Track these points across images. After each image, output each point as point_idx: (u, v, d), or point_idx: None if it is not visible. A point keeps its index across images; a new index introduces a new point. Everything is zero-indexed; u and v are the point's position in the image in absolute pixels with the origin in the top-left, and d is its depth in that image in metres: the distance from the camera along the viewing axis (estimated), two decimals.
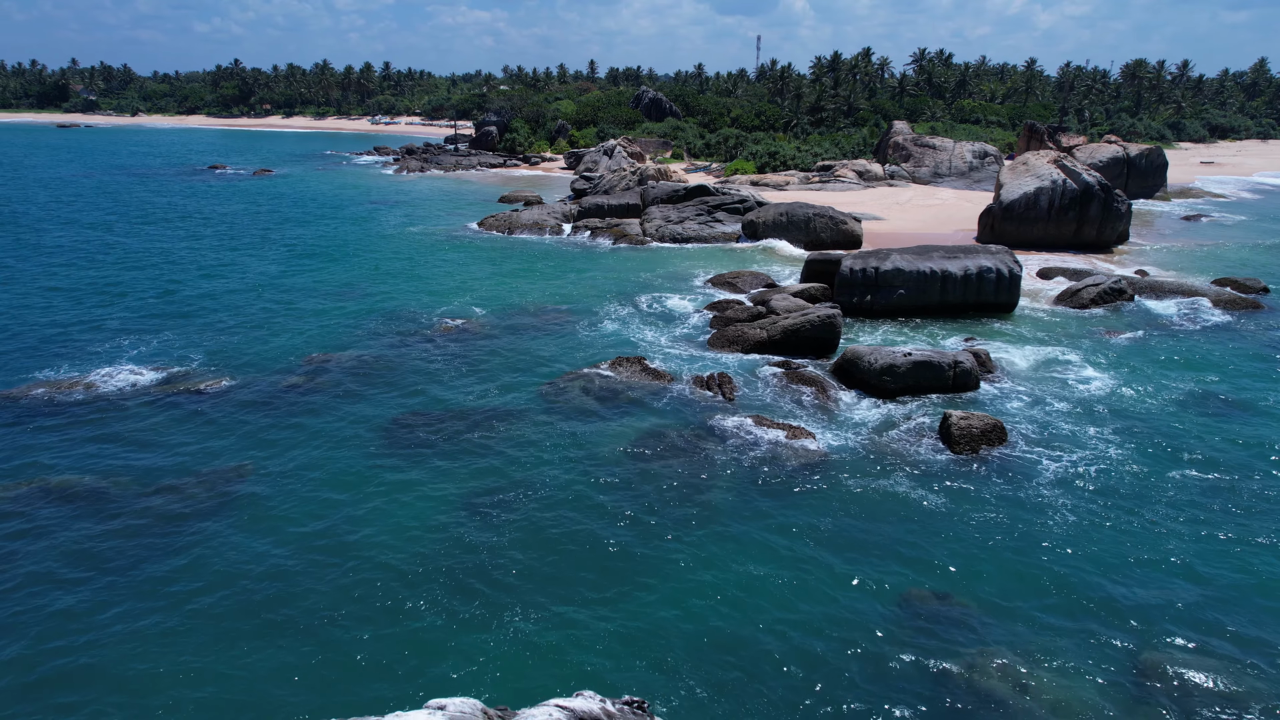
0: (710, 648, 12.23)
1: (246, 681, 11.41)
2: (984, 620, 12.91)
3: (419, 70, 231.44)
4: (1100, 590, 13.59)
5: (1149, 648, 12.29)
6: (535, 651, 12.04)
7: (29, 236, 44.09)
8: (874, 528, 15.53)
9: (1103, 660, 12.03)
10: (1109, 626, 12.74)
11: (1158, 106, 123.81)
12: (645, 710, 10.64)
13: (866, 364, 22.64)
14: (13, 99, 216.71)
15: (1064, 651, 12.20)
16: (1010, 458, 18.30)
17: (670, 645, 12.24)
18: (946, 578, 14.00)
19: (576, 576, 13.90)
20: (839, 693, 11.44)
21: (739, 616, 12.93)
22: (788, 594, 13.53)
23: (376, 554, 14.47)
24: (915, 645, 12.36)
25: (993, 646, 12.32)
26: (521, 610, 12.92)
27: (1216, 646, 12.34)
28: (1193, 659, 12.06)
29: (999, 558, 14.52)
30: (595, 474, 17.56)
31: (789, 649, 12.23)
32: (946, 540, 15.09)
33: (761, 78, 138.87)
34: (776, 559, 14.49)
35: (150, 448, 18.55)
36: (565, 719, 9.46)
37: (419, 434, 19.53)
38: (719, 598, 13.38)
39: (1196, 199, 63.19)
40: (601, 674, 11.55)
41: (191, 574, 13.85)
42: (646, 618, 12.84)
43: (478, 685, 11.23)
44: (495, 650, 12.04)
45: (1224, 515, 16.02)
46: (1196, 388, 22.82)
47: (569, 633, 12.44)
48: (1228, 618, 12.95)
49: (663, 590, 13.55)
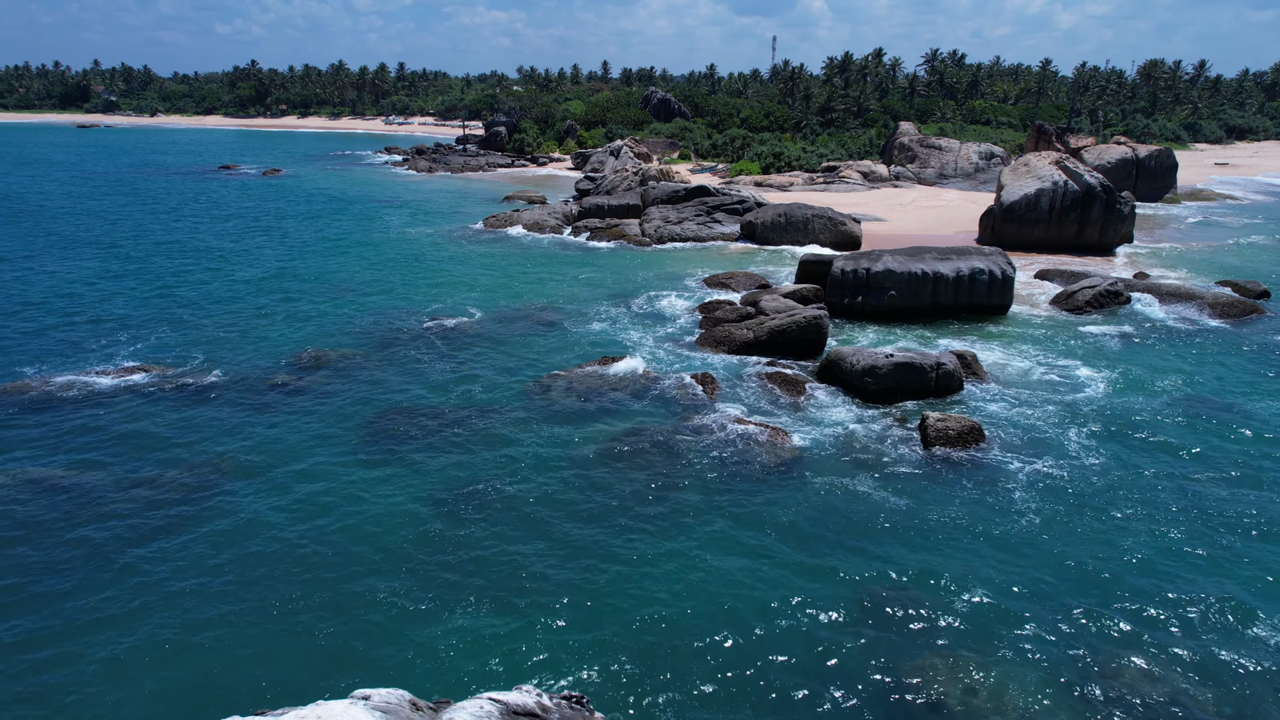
0: (662, 644, 12.32)
1: (197, 666, 11.64)
2: (940, 620, 12.91)
3: (434, 71, 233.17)
4: (1059, 593, 13.55)
5: (1104, 652, 12.24)
6: (483, 644, 12.18)
7: (33, 236, 44.86)
8: (840, 526, 15.55)
9: (1056, 664, 12.00)
10: (1065, 630, 12.70)
11: (1174, 107, 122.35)
12: (585, 705, 10.74)
13: (848, 365, 22.64)
14: (36, 100, 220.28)
15: (1016, 654, 12.18)
16: (985, 460, 18.25)
17: (623, 641, 12.34)
18: (907, 577, 14.00)
19: (536, 571, 14.03)
20: (787, 690, 11.49)
21: (694, 613, 13.01)
22: (746, 591, 13.59)
23: (344, 545, 14.67)
24: (868, 644, 12.39)
25: (946, 647, 12.32)
26: (476, 603, 13.08)
27: (1174, 654, 12.27)
28: (1148, 666, 12.01)
29: (961, 559, 14.51)
30: (569, 471, 17.69)
31: (741, 645, 12.30)
32: (910, 540, 15.10)
33: (774, 78, 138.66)
34: (739, 556, 14.56)
35: (132, 441, 18.88)
36: (497, 712, 9.58)
37: (399, 429, 19.75)
38: (676, 595, 13.47)
39: (1207, 201, 62.45)
40: (548, 668, 11.68)
41: (160, 563, 14.11)
42: (600, 614, 12.95)
43: (422, 676, 11.39)
44: (444, 642, 12.19)
45: (1195, 522, 15.90)
46: (1184, 392, 22.63)
47: (521, 627, 12.57)
48: (1187, 625, 12.87)
49: (619, 587, 13.66)
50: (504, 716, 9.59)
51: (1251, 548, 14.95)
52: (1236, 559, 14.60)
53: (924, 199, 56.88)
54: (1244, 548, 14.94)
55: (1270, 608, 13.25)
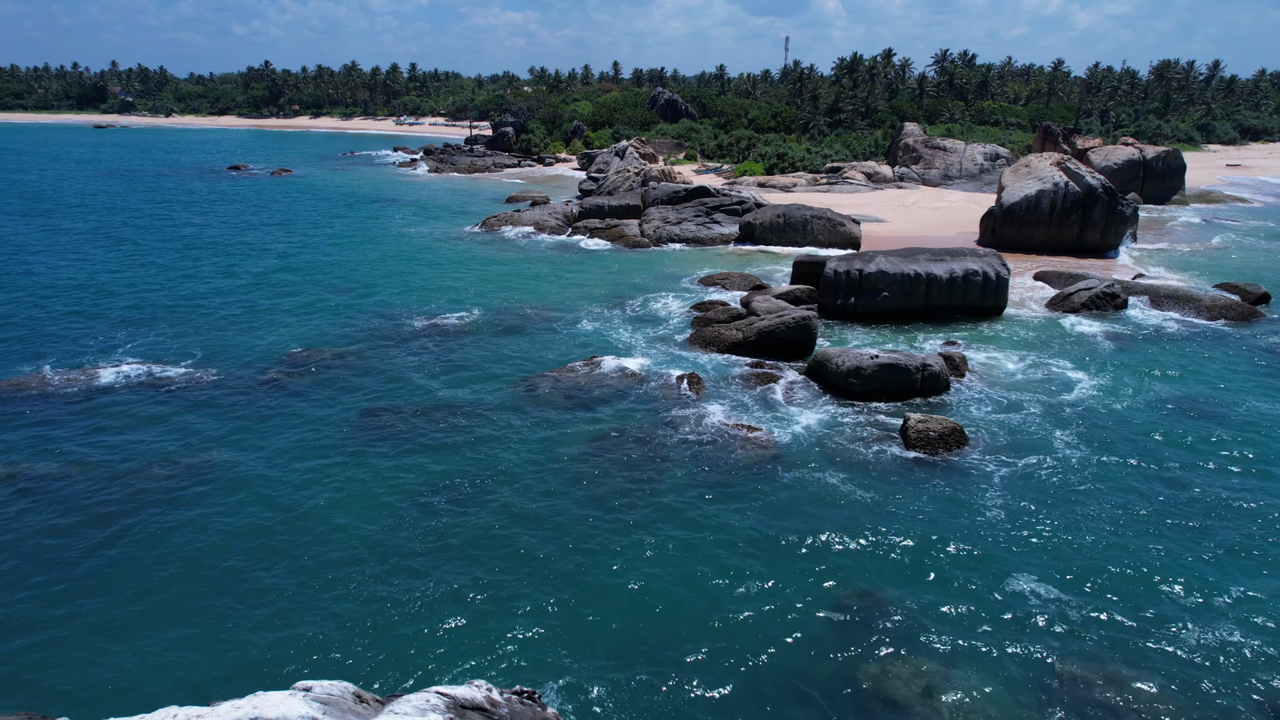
0: (622, 642, 12.41)
1: (152, 653, 11.84)
2: (906, 622, 12.93)
3: (448, 71, 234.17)
4: (1028, 598, 13.53)
5: (1068, 658, 12.19)
6: (443, 639, 12.31)
7: (38, 235, 45.49)
8: (814, 527, 15.59)
9: (1018, 669, 11.99)
10: (1031, 635, 12.68)
11: (1187, 108, 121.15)
12: (536, 700, 10.83)
13: (834, 366, 22.65)
14: (54, 100, 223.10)
15: (979, 658, 12.18)
16: (966, 462, 18.23)
17: (583, 638, 12.44)
18: (877, 579, 14.02)
19: (503, 568, 14.16)
20: (745, 691, 11.56)
21: (656, 613, 13.09)
22: (713, 591, 13.66)
23: (319, 538, 14.85)
24: (832, 645, 12.43)
25: (910, 650, 12.34)
26: (440, 598, 13.22)
27: (1139, 660, 12.24)
28: (1111, 672, 11.98)
29: (933, 562, 14.51)
30: (547, 469, 17.82)
31: (702, 645, 12.37)
32: (883, 542, 15.11)
33: (784, 79, 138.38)
34: (709, 556, 14.63)
35: (121, 437, 19.16)
36: (443, 705, 9.69)
37: (384, 426, 19.95)
38: (638, 594, 13.55)
39: (1215, 203, 61.84)
40: (507, 663, 11.79)
41: (138, 555, 14.34)
42: (562, 611, 13.06)
43: (380, 668, 11.54)
44: (405, 636, 12.33)
45: (1171, 527, 15.83)
46: (1173, 394, 22.50)
47: (483, 622, 12.70)
48: (1153, 633, 12.83)
49: (583, 585, 13.76)
50: (450, 710, 9.70)
51: (1223, 549, 14.87)
52: (1208, 561, 14.52)
53: (927, 200, 56.65)
54: (1215, 549, 14.86)
55: (1236, 610, 13.19)
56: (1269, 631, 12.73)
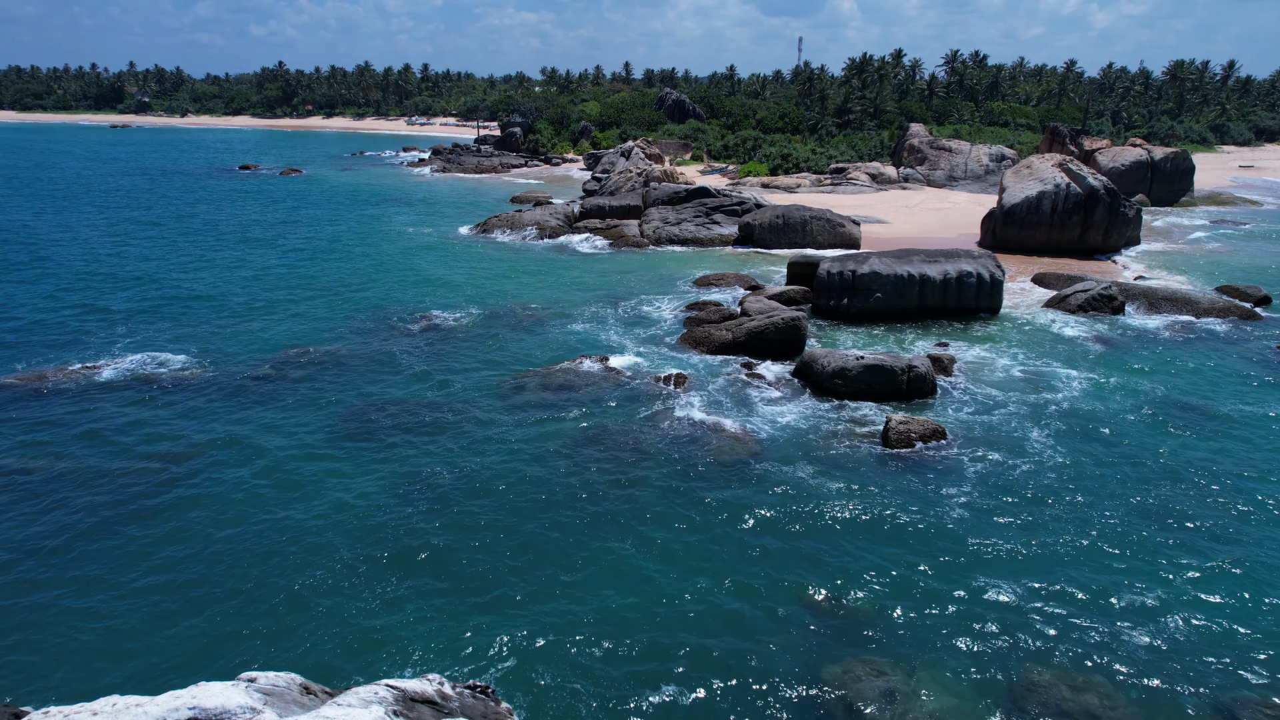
0: (583, 638, 12.51)
1: (117, 644, 12.07)
2: (872, 624, 12.97)
3: (462, 72, 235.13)
4: (995, 602, 13.51)
5: (1032, 662, 12.18)
6: (406, 633, 12.46)
7: (45, 233, 46.15)
8: (786, 526, 15.64)
9: (981, 672, 11.98)
10: (996, 638, 12.66)
11: (1202, 109, 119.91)
12: (490, 694, 10.96)
13: (820, 367, 22.67)
14: (73, 100, 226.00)
15: (943, 661, 12.19)
16: (945, 464, 18.21)
17: (545, 635, 12.55)
18: (847, 581, 14.05)
19: (471, 564, 14.30)
20: (705, 692, 11.64)
21: (620, 610, 13.19)
22: (678, 590, 13.74)
23: (295, 533, 15.04)
24: (796, 645, 12.49)
25: (874, 652, 12.37)
26: (406, 593, 13.38)
27: (1102, 664, 12.22)
28: (1073, 676, 11.96)
29: (903, 564, 14.52)
30: (529, 466, 17.95)
31: (663, 644, 12.46)
32: (857, 544, 15.14)
33: (794, 79, 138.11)
34: (677, 555, 14.71)
35: (106, 433, 19.46)
36: (391, 698, 9.80)
37: (369, 423, 20.15)
38: (606, 592, 13.65)
39: (1225, 205, 61.21)
40: (464, 657, 11.92)
41: (115, 547, 14.59)
42: (527, 607, 13.19)
43: (337, 660, 11.68)
44: (368, 630, 12.49)
45: (1141, 531, 15.77)
46: (1160, 397, 22.36)
47: (447, 617, 12.84)
48: (1117, 637, 12.80)
49: (550, 582, 13.87)
50: (399, 703, 9.82)
51: (1192, 553, 14.79)
52: (1175, 565, 14.46)
53: (931, 201, 56.43)
54: (1184, 553, 14.80)
55: (1200, 615, 13.13)
56: (1231, 636, 12.67)
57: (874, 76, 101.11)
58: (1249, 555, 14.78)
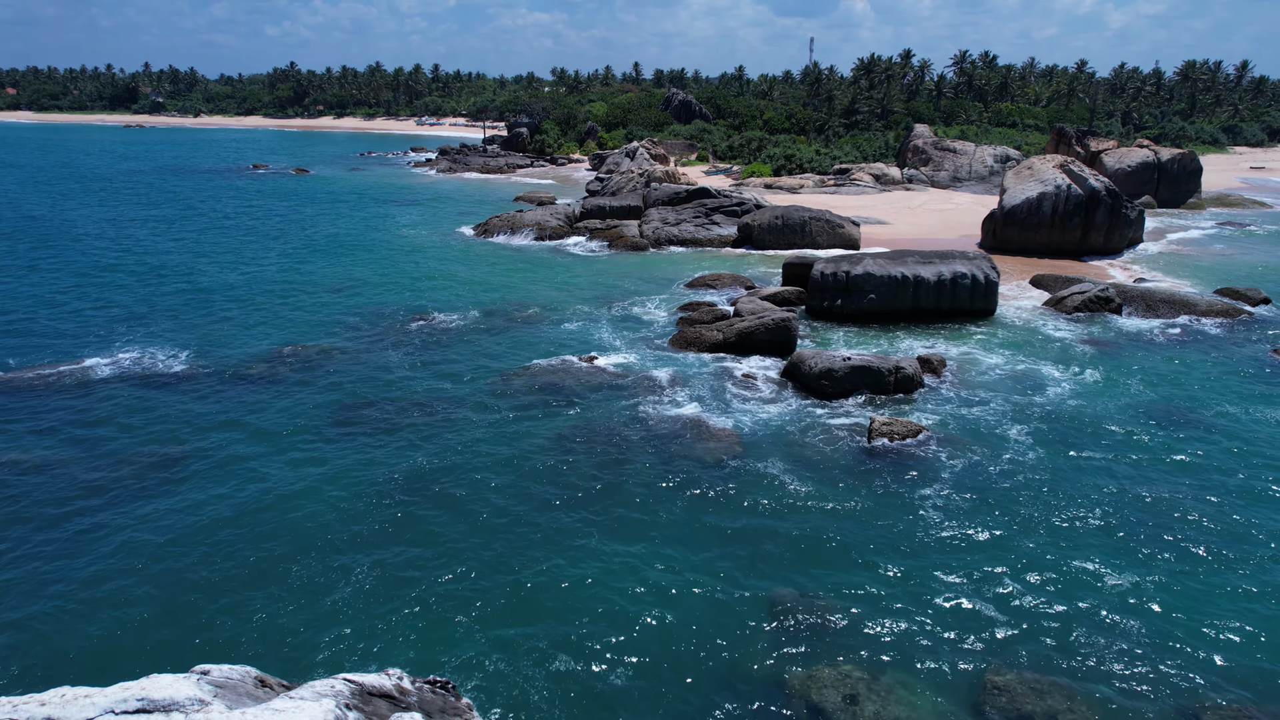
0: (553, 637, 12.59)
1: (83, 632, 12.24)
2: (839, 625, 12.96)
3: (473, 72, 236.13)
4: (964, 605, 13.47)
5: (996, 665, 12.14)
6: (374, 627, 12.56)
7: (53, 231, 46.70)
8: (762, 526, 15.66)
9: (946, 675, 11.95)
10: (962, 642, 12.61)
11: (1214, 109, 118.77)
12: (450, 690, 11.05)
13: (807, 367, 22.68)
14: (88, 101, 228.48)
15: (908, 664, 12.16)
16: (925, 465, 18.18)
17: (513, 632, 12.64)
18: (817, 580, 14.07)
19: (448, 560, 14.39)
20: (667, 690, 11.69)
21: (592, 609, 13.26)
22: (651, 591, 13.78)
23: (274, 528, 15.19)
24: (761, 646, 12.51)
25: (839, 654, 12.34)
26: (378, 588, 13.49)
27: (1066, 668, 12.19)
28: (1037, 680, 11.92)
29: (875, 565, 14.52)
30: (509, 464, 18.04)
31: (628, 641, 12.52)
32: (829, 544, 15.15)
33: (803, 80, 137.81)
34: (648, 553, 14.76)
35: (94, 428, 19.71)
36: (348, 691, 9.91)
37: (355, 420, 20.32)
38: (578, 590, 13.72)
39: (1233, 207, 60.64)
40: (430, 652, 12.02)
41: (91, 538, 14.79)
42: (495, 603, 13.27)
43: (300, 654, 11.79)
44: (335, 624, 12.60)
45: (1117, 535, 15.69)
46: (1149, 399, 22.23)
47: (416, 613, 12.95)
48: (1085, 640, 12.75)
49: (520, 579, 13.95)
50: (355, 696, 9.92)
51: (1166, 556, 14.72)
52: (1147, 568, 14.39)
53: (934, 202, 56.21)
54: (1157, 556, 14.73)
55: (1168, 617, 13.07)
56: (1196, 641, 12.61)
57: (881, 77, 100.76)
58: (1218, 559, 14.70)
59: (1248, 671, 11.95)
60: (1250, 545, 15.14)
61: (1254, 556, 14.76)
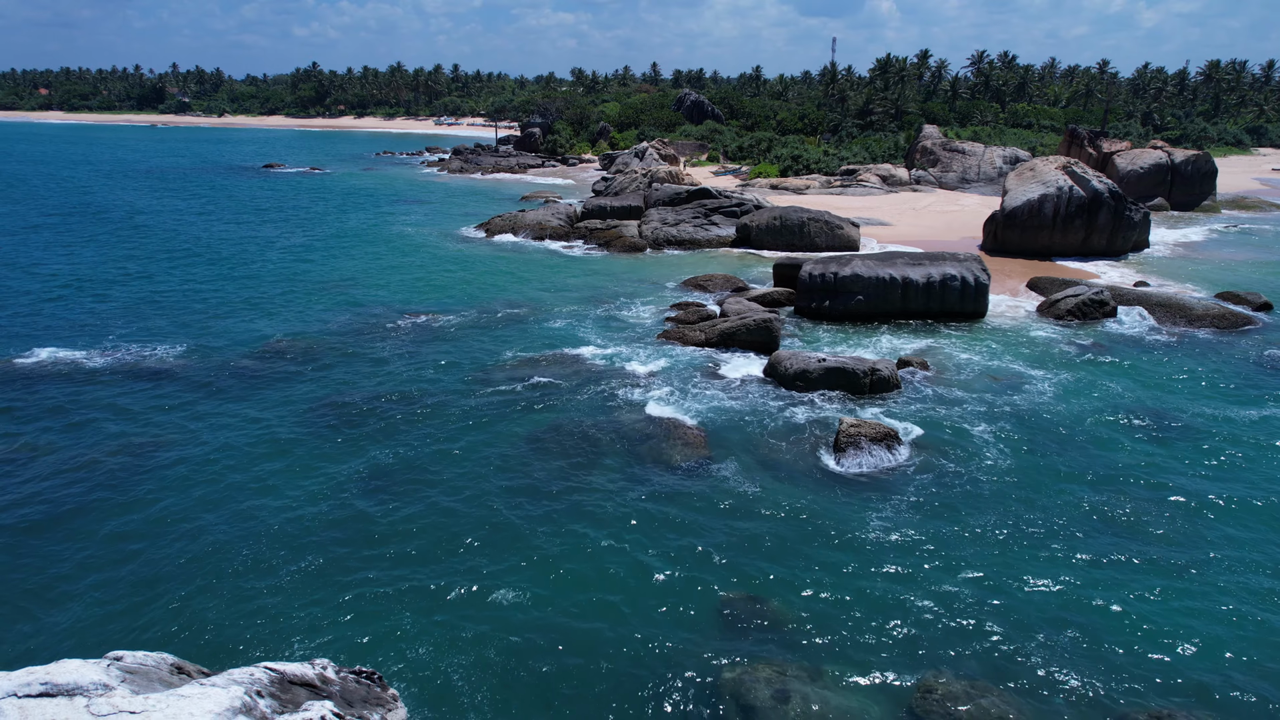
0: (492, 631, 12.73)
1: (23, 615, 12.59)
2: (782, 626, 12.98)
3: (494, 72, 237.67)
4: (909, 608, 13.42)
5: (936, 669, 12.09)
6: (316, 618, 12.77)
7: (62, 228, 47.73)
8: (722, 526, 15.70)
9: (879, 677, 11.91)
10: (901, 645, 12.57)
11: (1239, 110, 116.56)
12: (377, 681, 11.21)
13: (784, 368, 22.68)
14: (117, 101, 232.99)
15: (843, 665, 12.16)
16: (890, 469, 18.11)
17: (455, 625, 12.80)
18: (766, 583, 14.06)
19: (402, 551, 14.60)
20: (598, 688, 11.80)
21: (536, 605, 13.39)
22: (601, 587, 13.88)
23: (233, 518, 15.49)
24: (700, 645, 12.57)
25: (777, 654, 12.35)
26: (325, 577, 13.72)
27: (1006, 672, 12.13)
28: (975, 684, 11.88)
29: (829, 567, 14.49)
30: (475, 459, 18.22)
31: (572, 637, 12.63)
32: (786, 544, 15.16)
33: (821, 80, 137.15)
34: (601, 550, 14.86)
35: (75, 419, 20.18)
36: (267, 679, 10.08)
37: (335, 413, 20.64)
38: (527, 586, 13.85)
39: (1248, 210, 59.54)
40: (367, 643, 12.20)
41: (45, 527, 15.19)
42: (444, 600, 13.44)
43: (240, 644, 12.02)
44: (278, 616, 12.84)
45: (1075, 540, 15.55)
46: (1129, 403, 21.95)
47: (363, 606, 13.15)
48: (1028, 646, 12.66)
49: (474, 573, 14.10)
50: (274, 684, 10.11)
51: (1120, 561, 14.57)
52: (1101, 573, 14.26)
53: (940, 203, 55.77)
54: (1112, 560, 14.58)
55: (1113, 625, 12.96)
56: (1141, 646, 12.49)
57: (896, 77, 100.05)
58: (1172, 568, 14.52)
59: (1184, 680, 11.83)
60: (1204, 554, 14.94)
61: (1208, 567, 14.57)
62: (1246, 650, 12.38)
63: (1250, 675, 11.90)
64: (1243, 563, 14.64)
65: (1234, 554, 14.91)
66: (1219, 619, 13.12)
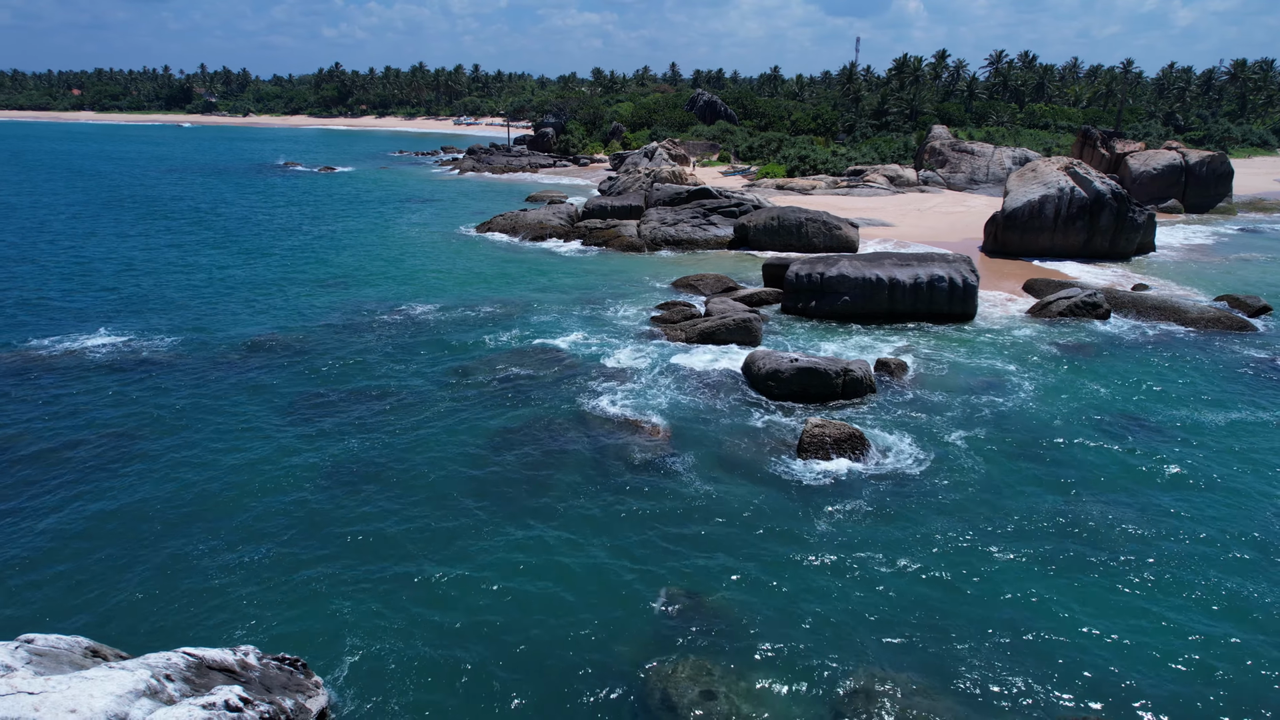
0: (427, 624, 12.91)
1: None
2: (721, 624, 13.01)
3: (517, 72, 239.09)
4: (850, 611, 13.41)
5: (870, 670, 12.07)
6: (249, 605, 13.00)
7: (70, 224, 48.79)
8: (676, 525, 15.75)
9: (810, 678, 11.86)
10: (837, 647, 12.54)
11: (1266, 109, 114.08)
12: (300, 668, 11.42)
13: (757, 368, 22.67)
14: (145, 101, 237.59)
15: (775, 665, 12.16)
16: (854, 469, 18.05)
17: (391, 616, 13.00)
18: (712, 579, 14.09)
19: (353, 542, 14.83)
20: (530, 678, 11.92)
21: (480, 595, 13.55)
22: (546, 580, 14.00)
23: (196, 505, 15.82)
24: (637, 640, 12.64)
25: (710, 653, 12.37)
26: (267, 567, 13.97)
27: (940, 677, 12.09)
28: (909, 685, 11.86)
29: (776, 567, 14.48)
30: (441, 453, 18.42)
31: (509, 631, 12.75)
32: (737, 544, 15.19)
33: (839, 80, 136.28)
34: (558, 545, 14.98)
35: (60, 408, 20.69)
36: (184, 664, 10.33)
37: (315, 406, 20.99)
38: (471, 579, 14.01)
39: (1265, 212, 58.33)
40: (300, 632, 12.42)
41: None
42: (381, 589, 13.65)
43: (166, 628, 12.29)
44: (215, 598, 13.10)
45: (1035, 543, 15.41)
46: (1110, 407, 21.67)
47: (306, 596, 13.39)
48: (965, 651, 12.60)
49: (419, 567, 14.28)
50: (190, 669, 10.36)
51: (1078, 565, 14.42)
52: (1057, 576, 14.14)
53: (946, 204, 55.26)
54: (1071, 563, 14.44)
55: (1059, 629, 12.85)
56: (1083, 651, 12.38)
57: (911, 77, 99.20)
58: (1128, 573, 14.36)
59: (1129, 687, 11.71)
60: (1159, 561, 14.75)
61: (1162, 574, 14.39)
62: (1194, 659, 12.23)
63: (1195, 685, 11.76)
64: (1197, 570, 14.43)
65: (1188, 560, 14.71)
66: (1171, 629, 12.94)
